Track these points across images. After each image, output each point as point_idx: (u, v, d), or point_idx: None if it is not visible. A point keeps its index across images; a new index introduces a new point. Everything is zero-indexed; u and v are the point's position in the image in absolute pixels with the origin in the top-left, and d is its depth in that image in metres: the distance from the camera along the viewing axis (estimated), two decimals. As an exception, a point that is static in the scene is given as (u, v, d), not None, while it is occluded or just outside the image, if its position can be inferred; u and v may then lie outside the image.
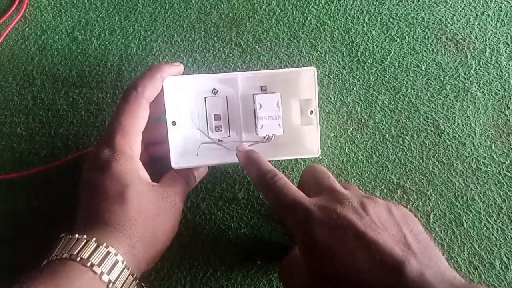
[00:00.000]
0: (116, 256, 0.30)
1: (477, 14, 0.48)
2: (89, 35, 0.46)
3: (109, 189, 0.32)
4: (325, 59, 0.46)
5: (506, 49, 0.46)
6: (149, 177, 0.35)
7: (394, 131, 0.43)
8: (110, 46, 0.46)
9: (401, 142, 0.43)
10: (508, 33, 0.47)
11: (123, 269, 0.30)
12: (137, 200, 0.32)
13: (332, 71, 0.45)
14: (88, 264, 0.28)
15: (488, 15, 0.48)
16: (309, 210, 0.29)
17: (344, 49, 0.46)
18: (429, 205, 0.41)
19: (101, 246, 0.29)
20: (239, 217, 0.40)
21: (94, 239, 0.30)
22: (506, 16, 0.48)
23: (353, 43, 0.46)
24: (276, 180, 0.32)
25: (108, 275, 0.29)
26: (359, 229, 0.27)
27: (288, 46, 0.46)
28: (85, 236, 0.30)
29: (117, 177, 0.32)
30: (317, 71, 0.38)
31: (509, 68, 0.45)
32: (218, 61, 0.45)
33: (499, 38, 0.47)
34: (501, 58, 0.46)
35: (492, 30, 0.47)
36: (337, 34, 0.47)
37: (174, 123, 0.36)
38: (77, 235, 0.30)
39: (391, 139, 0.43)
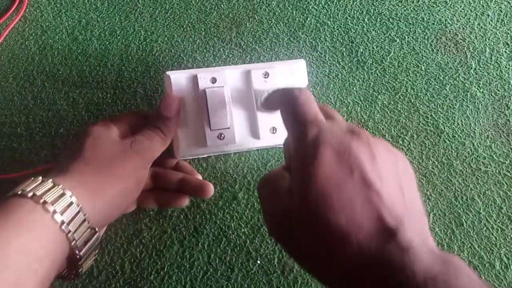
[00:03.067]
0: (64, 190, 0.29)
1: (477, 14, 0.48)
2: (89, 35, 0.46)
3: (74, 143, 0.34)
4: (325, 59, 0.46)
5: (506, 49, 0.46)
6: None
7: (394, 131, 0.43)
8: (110, 46, 0.46)
9: (401, 142, 0.43)
10: (508, 33, 0.47)
11: (73, 204, 0.29)
12: (93, 143, 0.33)
13: (332, 71, 0.45)
14: (41, 201, 0.28)
15: (488, 15, 0.48)
16: (323, 130, 0.26)
17: (344, 49, 0.46)
18: (429, 205, 0.41)
19: (50, 183, 0.29)
20: (239, 217, 0.40)
21: (50, 180, 0.29)
22: (506, 16, 0.48)
23: (353, 43, 0.46)
24: (302, 94, 0.29)
25: (60, 213, 0.28)
26: (367, 175, 0.25)
27: (288, 46, 0.46)
28: (40, 177, 0.30)
29: (86, 134, 0.34)
30: (317, 71, 0.38)
31: (508, 68, 0.45)
32: (218, 61, 0.46)
33: (499, 38, 0.47)
34: (501, 58, 0.46)
35: (492, 30, 0.47)
36: (337, 34, 0.47)
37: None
38: (33, 178, 0.30)
39: (391, 139, 0.43)
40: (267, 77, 0.38)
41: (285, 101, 0.30)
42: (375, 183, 0.24)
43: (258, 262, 0.39)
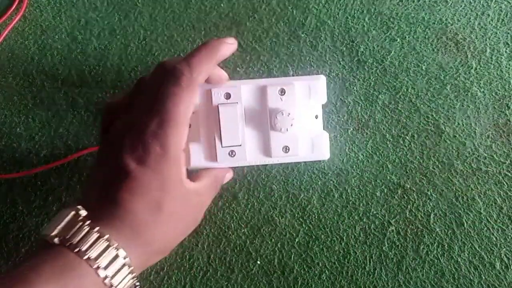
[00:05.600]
0: (124, 259, 0.27)
1: (477, 14, 0.48)
2: (88, 35, 0.46)
3: (148, 186, 0.28)
4: (325, 59, 0.46)
5: (506, 49, 0.46)
6: (186, 175, 0.31)
7: (395, 131, 0.43)
8: (110, 46, 0.46)
9: (402, 142, 0.43)
10: (508, 33, 0.47)
11: (128, 273, 0.28)
12: (172, 208, 0.30)
13: (332, 71, 0.45)
14: (94, 266, 0.26)
15: (489, 15, 0.48)
16: None
17: (344, 48, 0.46)
18: (430, 205, 0.41)
19: (112, 247, 0.27)
20: (239, 217, 0.40)
21: (116, 245, 0.27)
22: (506, 16, 0.48)
23: (353, 42, 0.46)
24: None
25: (111, 278, 0.27)
26: None
27: (288, 46, 0.46)
28: (107, 235, 0.27)
29: (161, 178, 0.29)
30: (317, 71, 0.38)
31: (509, 68, 0.45)
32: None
33: (499, 38, 0.47)
34: (502, 58, 0.46)
35: (492, 30, 0.47)
36: (337, 34, 0.47)
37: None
38: (96, 229, 0.27)
39: (391, 139, 0.43)
40: (283, 95, 0.36)
41: None
42: None
43: (258, 262, 0.39)
